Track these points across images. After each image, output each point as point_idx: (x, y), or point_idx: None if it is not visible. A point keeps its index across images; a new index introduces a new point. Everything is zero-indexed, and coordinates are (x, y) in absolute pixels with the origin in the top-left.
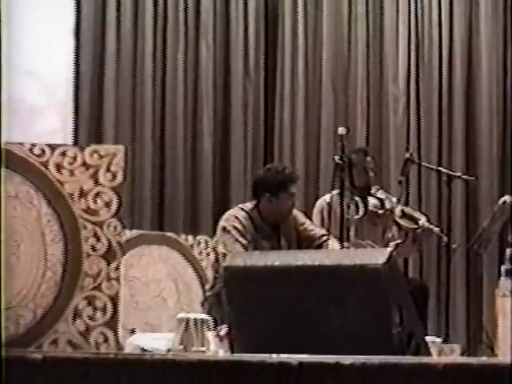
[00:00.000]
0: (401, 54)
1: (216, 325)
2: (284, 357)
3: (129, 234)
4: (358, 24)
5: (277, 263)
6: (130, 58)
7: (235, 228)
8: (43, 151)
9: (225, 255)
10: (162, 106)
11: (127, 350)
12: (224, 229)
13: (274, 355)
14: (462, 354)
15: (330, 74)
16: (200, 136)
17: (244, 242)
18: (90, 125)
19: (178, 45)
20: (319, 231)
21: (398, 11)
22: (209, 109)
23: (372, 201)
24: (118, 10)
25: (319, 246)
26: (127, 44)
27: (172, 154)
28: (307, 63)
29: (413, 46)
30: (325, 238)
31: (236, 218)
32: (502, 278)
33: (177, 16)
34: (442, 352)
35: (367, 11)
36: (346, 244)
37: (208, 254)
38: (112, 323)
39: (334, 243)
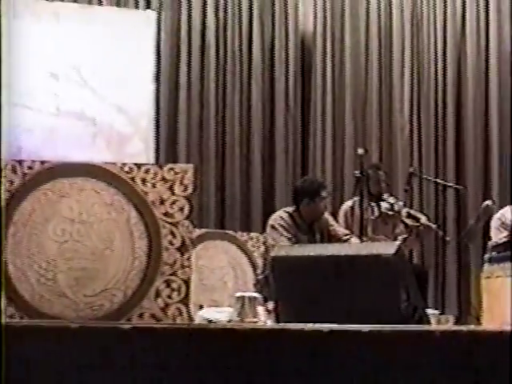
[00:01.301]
0: (406, 92)
1: (265, 301)
2: (317, 326)
3: (198, 231)
4: (373, 70)
5: (312, 254)
6: (198, 96)
7: (281, 226)
8: (131, 169)
9: (273, 247)
10: (222, 132)
11: (197, 321)
12: (272, 226)
13: (309, 324)
14: (455, 323)
15: (351, 108)
16: (252, 156)
17: (288, 235)
18: (167, 148)
19: (235, 86)
20: (344, 231)
21: (403, 60)
22: (258, 135)
23: (384, 205)
24: (189, 59)
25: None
26: (196, 85)
27: (230, 170)
28: (334, 100)
29: (415, 86)
30: (348, 236)
31: (281, 218)
32: (486, 264)
33: (234, 63)
34: (439, 321)
35: (380, 59)
36: (364, 238)
37: (259, 247)
38: (185, 301)
39: (354, 240)
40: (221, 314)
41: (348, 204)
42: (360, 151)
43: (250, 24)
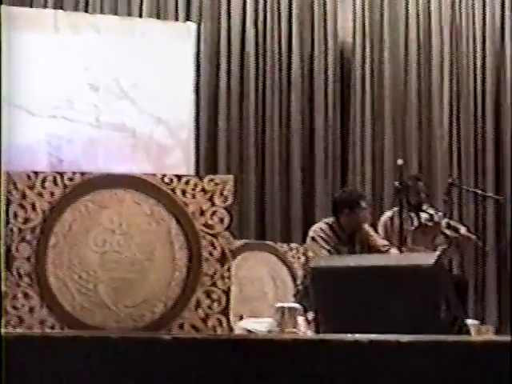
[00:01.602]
0: (445, 105)
1: (305, 311)
2: (357, 336)
3: (238, 242)
4: (412, 79)
5: (352, 264)
6: (237, 108)
7: (321, 237)
8: (171, 180)
9: (313, 258)
10: (262, 144)
11: (237, 331)
12: (312, 238)
13: (349, 335)
14: (495, 333)
15: (390, 119)
16: (291, 167)
17: (327, 247)
18: (207, 160)
19: (274, 94)
20: (383, 242)
21: (442, 68)
22: (297, 144)
23: (424, 215)
24: (229, 69)
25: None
26: (235, 98)
27: (270, 180)
28: (373, 109)
29: (454, 94)
30: (387, 247)
31: (321, 229)
32: None
33: (273, 72)
34: (479, 331)
35: (419, 68)
36: (404, 249)
37: (299, 258)
38: (225, 311)
39: (394, 251)
40: (261, 325)
41: (387, 215)
42: (399, 162)
43: (289, 32)
